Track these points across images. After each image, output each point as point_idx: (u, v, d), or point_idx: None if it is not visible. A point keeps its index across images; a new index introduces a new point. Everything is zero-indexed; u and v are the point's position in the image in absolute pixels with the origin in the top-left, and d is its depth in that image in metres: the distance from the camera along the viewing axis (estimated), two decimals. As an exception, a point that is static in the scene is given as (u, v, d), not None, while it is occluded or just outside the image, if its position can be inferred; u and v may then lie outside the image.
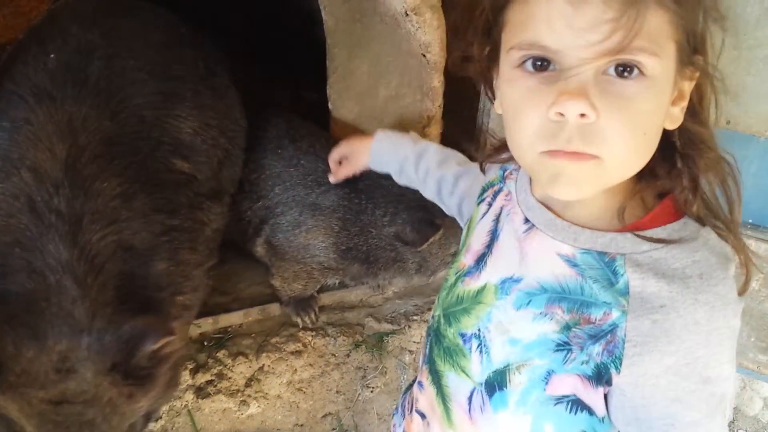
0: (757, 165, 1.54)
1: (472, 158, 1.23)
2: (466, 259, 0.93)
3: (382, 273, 1.74)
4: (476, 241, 0.93)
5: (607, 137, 0.66)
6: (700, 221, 0.76)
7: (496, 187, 0.95)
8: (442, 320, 0.94)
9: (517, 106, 0.72)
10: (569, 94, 0.65)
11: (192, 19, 1.67)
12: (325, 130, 1.86)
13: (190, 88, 1.46)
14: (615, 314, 0.74)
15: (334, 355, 1.78)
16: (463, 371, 0.88)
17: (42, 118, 1.24)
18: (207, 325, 1.74)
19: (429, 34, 1.57)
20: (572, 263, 0.77)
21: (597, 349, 0.75)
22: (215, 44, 1.71)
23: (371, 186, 1.66)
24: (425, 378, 0.97)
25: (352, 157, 1.51)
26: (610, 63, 0.65)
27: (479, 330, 0.86)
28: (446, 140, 1.86)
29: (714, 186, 0.77)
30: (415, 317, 1.87)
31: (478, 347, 0.86)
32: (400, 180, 1.36)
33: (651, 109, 0.68)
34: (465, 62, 0.86)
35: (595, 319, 0.75)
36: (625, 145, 0.67)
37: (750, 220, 1.62)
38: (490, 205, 0.94)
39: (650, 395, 0.74)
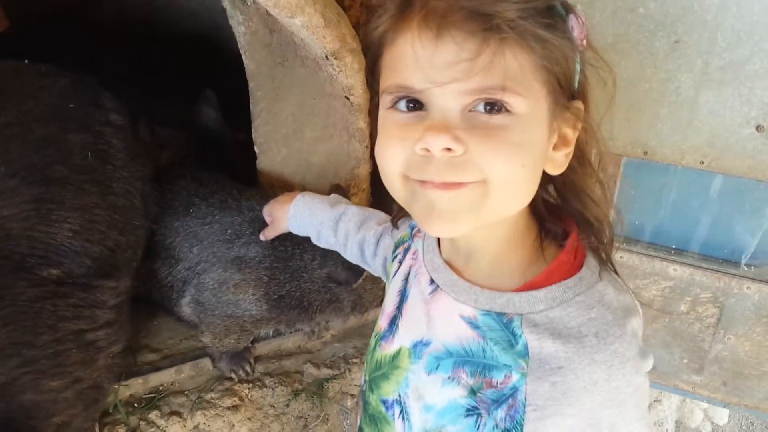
0: (676, 193, 1.59)
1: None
2: (382, 322, 0.92)
3: (318, 316, 1.71)
4: (388, 302, 0.91)
5: (482, 165, 0.66)
6: (601, 265, 0.76)
7: (405, 245, 0.94)
8: (365, 386, 0.92)
9: (386, 140, 0.72)
10: (433, 129, 0.65)
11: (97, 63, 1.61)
12: (251, 169, 1.83)
13: (72, 189, 1.36)
14: (515, 377, 0.72)
15: (273, 406, 1.73)
16: None
17: None
18: (137, 385, 1.66)
19: (351, 77, 1.56)
20: (474, 325, 0.76)
21: (500, 414, 0.73)
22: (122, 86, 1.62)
23: None
24: None
25: (276, 220, 1.48)
26: (476, 101, 0.65)
27: (400, 396, 0.84)
28: (377, 179, 1.86)
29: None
30: (354, 360, 1.84)
31: (400, 414, 0.84)
32: (320, 243, 1.34)
33: (521, 141, 0.67)
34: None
35: (497, 383, 0.73)
36: (503, 171, 0.67)
37: (673, 246, 1.67)
38: (400, 263, 0.93)
39: None
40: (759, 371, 1.71)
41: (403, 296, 0.88)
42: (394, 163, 0.70)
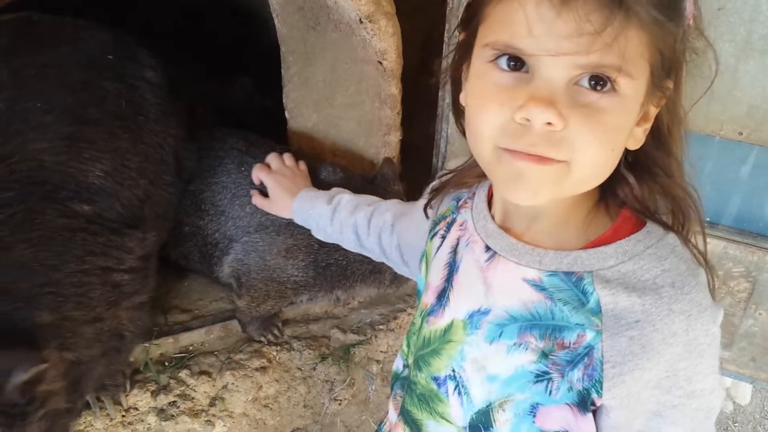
0: (712, 164, 1.56)
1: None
2: (428, 298, 0.89)
3: (358, 286, 1.72)
4: (434, 276, 0.88)
5: (575, 146, 0.65)
6: (664, 225, 0.74)
7: (449, 219, 0.91)
8: (412, 367, 0.89)
9: (483, 99, 0.69)
10: (538, 101, 0.63)
11: (136, 25, 1.61)
12: (279, 137, 1.83)
13: (105, 131, 1.39)
14: (589, 335, 0.71)
15: (300, 369, 1.75)
16: (443, 417, 0.84)
17: None
18: (167, 345, 1.69)
19: (384, 41, 1.55)
20: (539, 287, 0.74)
21: (577, 374, 0.72)
22: (155, 51, 1.63)
23: None
24: (403, 430, 0.92)
25: (275, 205, 1.49)
26: (584, 74, 0.63)
27: (453, 371, 0.82)
28: (406, 146, 1.85)
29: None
30: (381, 326, 1.85)
31: (455, 389, 0.82)
32: (319, 236, 1.35)
33: (619, 125, 0.66)
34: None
35: (570, 343, 0.72)
36: (593, 156, 0.66)
37: (707, 219, 1.65)
38: (443, 237, 0.90)
39: (632, 412, 0.72)
40: (789, 348, 1.69)
41: (452, 268, 0.85)
42: (487, 127, 0.68)
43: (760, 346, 1.72)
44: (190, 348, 1.72)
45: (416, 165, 1.89)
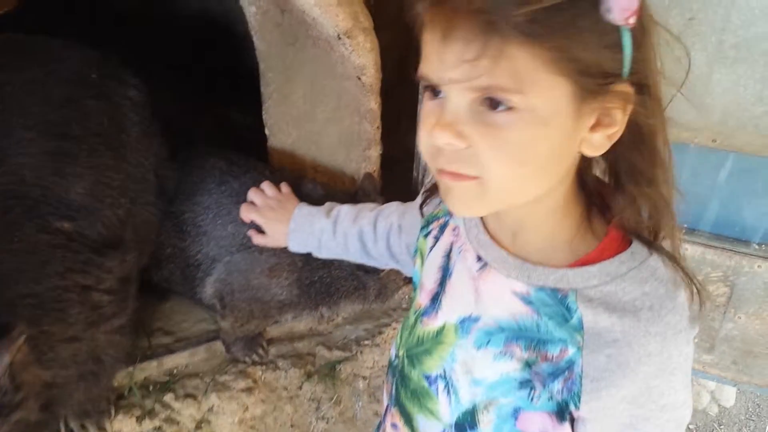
0: (688, 171, 1.59)
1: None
2: (422, 299, 0.92)
3: (343, 302, 1.71)
4: (428, 278, 0.91)
5: (482, 162, 0.68)
6: (648, 244, 0.75)
7: (441, 220, 0.94)
8: (405, 361, 0.92)
9: (420, 124, 0.74)
10: (440, 125, 0.68)
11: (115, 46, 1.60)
12: (257, 154, 1.82)
13: (87, 148, 1.37)
14: (571, 350, 0.74)
15: (286, 388, 1.73)
16: (431, 413, 0.87)
17: None
18: (151, 368, 1.67)
19: (363, 56, 1.56)
20: (527, 300, 0.77)
21: (557, 386, 0.75)
22: (135, 71, 1.62)
23: None
24: (398, 420, 0.95)
25: (272, 239, 1.42)
26: (479, 96, 0.66)
27: (444, 371, 0.85)
28: (386, 160, 1.86)
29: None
30: (366, 342, 1.84)
31: (445, 388, 0.85)
32: (321, 254, 1.31)
33: (524, 140, 0.67)
34: None
35: (552, 356, 0.75)
36: (501, 170, 0.68)
37: (684, 225, 1.67)
38: (436, 238, 0.92)
39: (607, 425, 0.75)
40: (769, 350, 1.72)
41: (445, 273, 0.88)
42: (423, 149, 0.74)
43: (740, 349, 1.75)
44: (175, 371, 1.70)
45: (397, 178, 1.89)
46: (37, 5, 2.03)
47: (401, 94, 1.78)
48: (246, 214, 1.44)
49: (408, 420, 0.92)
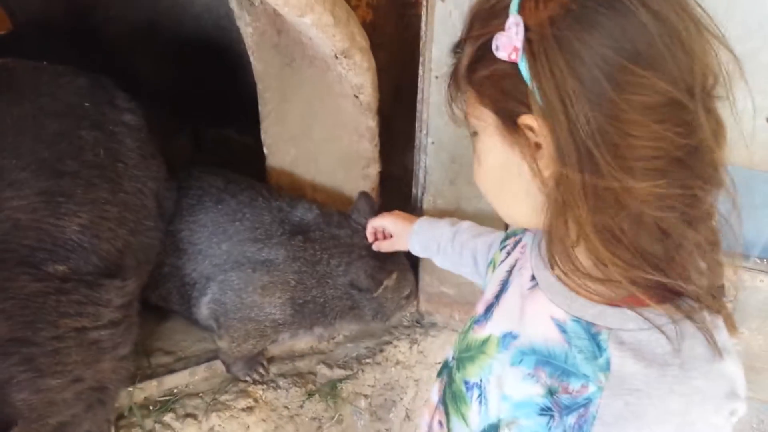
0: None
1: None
2: (479, 307, 0.95)
3: (338, 322, 1.71)
4: (489, 289, 0.95)
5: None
6: (695, 307, 0.71)
7: (517, 237, 0.97)
8: (455, 363, 0.96)
9: None
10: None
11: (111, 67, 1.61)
12: (256, 173, 1.83)
13: (82, 183, 1.36)
14: (592, 388, 0.71)
15: (287, 407, 1.73)
16: (463, 419, 0.90)
17: None
18: (151, 388, 1.67)
19: (360, 75, 1.56)
20: (562, 328, 0.76)
21: (570, 420, 0.72)
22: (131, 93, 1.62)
23: (324, 236, 1.64)
24: (443, 417, 0.98)
25: (398, 238, 1.50)
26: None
27: (481, 380, 0.87)
28: (385, 178, 1.86)
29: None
30: (367, 360, 1.84)
31: (478, 397, 0.87)
32: (437, 257, 1.36)
33: (491, 163, 0.78)
34: None
35: (573, 390, 0.73)
36: (485, 192, 0.81)
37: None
38: (508, 254, 0.96)
39: None
40: (772, 365, 1.70)
41: (504, 286, 0.91)
42: None
43: (743, 364, 1.73)
44: (175, 390, 1.70)
45: (395, 196, 1.90)
46: (30, 28, 2.04)
47: (398, 112, 1.79)
48: (373, 222, 1.55)
49: (447, 420, 0.96)
